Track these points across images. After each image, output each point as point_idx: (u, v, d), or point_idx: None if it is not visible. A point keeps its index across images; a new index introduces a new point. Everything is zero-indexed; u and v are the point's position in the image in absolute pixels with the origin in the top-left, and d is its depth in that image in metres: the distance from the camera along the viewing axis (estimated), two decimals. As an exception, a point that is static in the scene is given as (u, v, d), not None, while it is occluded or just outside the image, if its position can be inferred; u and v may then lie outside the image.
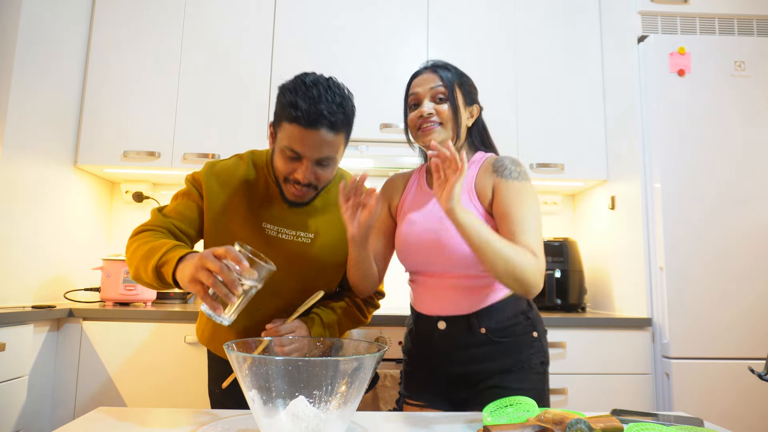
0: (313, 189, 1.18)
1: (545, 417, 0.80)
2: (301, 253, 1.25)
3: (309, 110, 1.07)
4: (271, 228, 1.24)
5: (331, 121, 1.09)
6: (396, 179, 1.36)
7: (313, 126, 1.08)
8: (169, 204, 1.26)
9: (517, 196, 1.13)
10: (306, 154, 1.11)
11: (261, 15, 2.28)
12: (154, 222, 1.20)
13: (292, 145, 1.11)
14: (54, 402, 1.79)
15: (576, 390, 1.87)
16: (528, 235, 1.08)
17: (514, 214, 1.11)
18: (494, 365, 1.16)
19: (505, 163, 1.18)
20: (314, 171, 1.14)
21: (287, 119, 1.10)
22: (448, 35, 2.32)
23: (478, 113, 1.27)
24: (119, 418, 0.89)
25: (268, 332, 1.16)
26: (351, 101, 1.16)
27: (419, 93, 1.21)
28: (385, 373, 1.77)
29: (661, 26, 2.12)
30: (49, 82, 1.99)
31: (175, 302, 2.25)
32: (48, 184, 2.00)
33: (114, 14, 2.24)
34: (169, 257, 1.02)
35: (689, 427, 0.80)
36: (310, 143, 1.10)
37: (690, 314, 1.87)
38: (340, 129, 1.12)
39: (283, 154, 1.14)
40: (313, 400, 0.74)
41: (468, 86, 1.25)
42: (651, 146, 1.99)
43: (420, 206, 1.25)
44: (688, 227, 1.91)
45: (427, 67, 1.24)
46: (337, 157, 1.16)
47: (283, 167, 1.15)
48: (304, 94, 1.08)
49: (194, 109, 2.21)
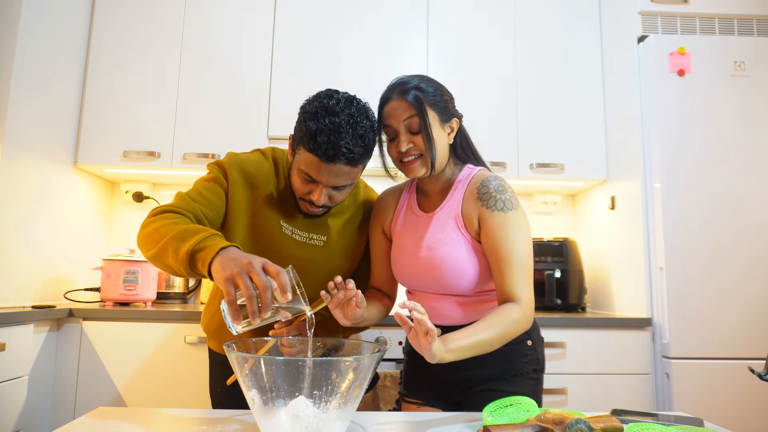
0: (327, 208, 1.19)
1: (545, 417, 0.80)
2: (312, 255, 1.25)
3: (328, 146, 1.05)
4: (287, 227, 1.24)
5: (350, 158, 1.08)
6: (386, 198, 1.33)
7: (331, 161, 1.07)
8: (193, 188, 1.20)
9: (503, 229, 1.10)
10: (322, 181, 1.11)
11: (261, 15, 2.28)
12: (179, 204, 1.13)
13: (309, 172, 1.11)
14: (54, 402, 1.79)
15: (576, 390, 1.87)
16: (515, 277, 1.08)
17: (501, 252, 1.09)
18: (487, 372, 1.17)
19: (489, 190, 1.14)
20: (329, 194, 1.14)
21: (306, 148, 1.09)
22: (448, 34, 2.32)
23: (458, 126, 1.21)
24: (119, 418, 0.89)
25: (276, 332, 1.16)
26: (373, 131, 1.14)
27: (393, 126, 1.15)
28: (385, 373, 1.77)
29: (661, 26, 2.12)
30: (49, 82, 1.99)
31: (175, 302, 2.25)
32: (48, 184, 2.00)
33: (114, 14, 2.23)
34: (208, 244, 0.95)
35: (689, 427, 0.80)
36: (327, 173, 1.09)
37: (690, 314, 1.87)
38: (358, 162, 1.11)
39: (300, 175, 1.13)
40: (313, 400, 0.74)
41: (442, 102, 1.17)
42: (651, 146, 1.99)
43: (410, 230, 1.23)
44: (688, 227, 1.91)
45: (395, 91, 1.16)
46: (354, 182, 1.16)
47: (299, 187, 1.16)
48: (325, 126, 1.06)
49: (194, 109, 2.20)
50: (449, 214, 1.18)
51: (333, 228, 1.27)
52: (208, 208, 1.17)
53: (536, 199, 2.58)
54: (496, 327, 1.01)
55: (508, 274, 1.08)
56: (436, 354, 0.90)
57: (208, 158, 2.15)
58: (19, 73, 1.82)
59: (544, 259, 2.23)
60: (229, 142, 2.17)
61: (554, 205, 2.59)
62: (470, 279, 1.14)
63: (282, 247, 1.24)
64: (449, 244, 1.15)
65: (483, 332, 1.00)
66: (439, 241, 1.16)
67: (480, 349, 1.00)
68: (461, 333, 0.98)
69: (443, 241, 1.15)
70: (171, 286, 2.27)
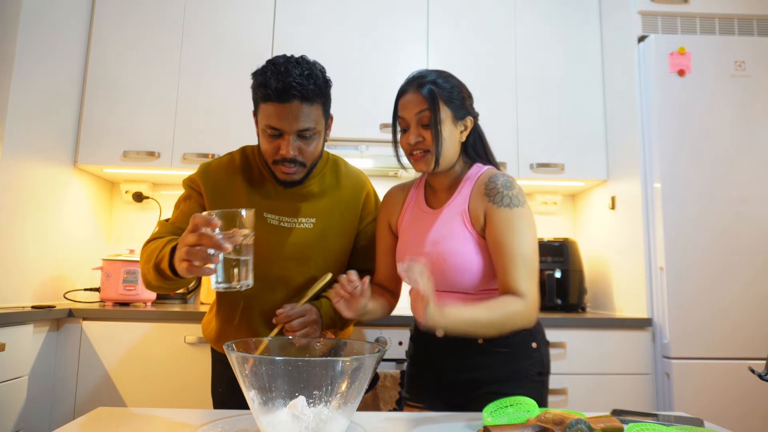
0: (301, 166, 1.20)
1: (545, 417, 0.80)
2: (305, 239, 1.27)
3: (278, 86, 1.11)
4: (273, 218, 1.26)
5: (302, 93, 1.12)
6: (395, 193, 1.33)
7: (284, 100, 1.11)
8: (173, 213, 1.29)
9: (509, 225, 1.10)
10: (285, 128, 1.14)
11: (261, 15, 2.28)
12: (161, 231, 1.23)
13: (270, 122, 1.14)
14: (54, 402, 1.79)
15: (576, 390, 1.87)
16: (518, 272, 1.08)
17: (506, 247, 1.09)
18: (491, 374, 1.16)
19: (497, 186, 1.14)
20: (297, 145, 1.17)
21: (261, 99, 1.15)
22: (448, 35, 2.32)
23: (472, 125, 1.21)
24: (119, 418, 0.89)
25: (279, 318, 1.17)
26: (321, 73, 1.17)
27: (406, 118, 1.17)
28: (385, 373, 1.77)
29: (661, 26, 2.12)
30: (49, 82, 1.99)
31: (175, 302, 2.25)
32: (48, 184, 2.00)
33: (114, 14, 2.23)
34: (163, 253, 1.05)
35: (689, 427, 0.80)
36: (286, 116, 1.13)
37: (690, 314, 1.87)
38: (313, 99, 1.14)
39: (265, 134, 1.17)
40: (313, 400, 0.74)
41: (459, 99, 1.17)
42: (651, 146, 1.99)
43: (416, 226, 1.23)
44: (688, 227, 1.91)
45: (412, 84, 1.17)
46: (318, 129, 1.18)
47: (268, 147, 1.18)
48: (272, 72, 1.13)
49: (194, 109, 2.20)
50: (456, 210, 1.18)
51: (320, 209, 1.29)
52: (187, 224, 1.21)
53: (536, 199, 2.58)
54: (495, 311, 1.03)
55: (511, 269, 1.08)
56: (430, 316, 0.91)
57: (208, 158, 2.15)
58: (19, 73, 1.82)
59: (544, 259, 2.23)
60: (229, 142, 2.17)
61: (554, 205, 2.59)
62: (474, 275, 1.13)
63: (273, 236, 1.25)
64: (455, 240, 1.15)
65: (481, 312, 1.02)
66: (444, 236, 1.16)
67: (475, 327, 1.02)
68: (459, 307, 1.02)
69: (449, 236, 1.15)
70: (171, 286, 2.27)
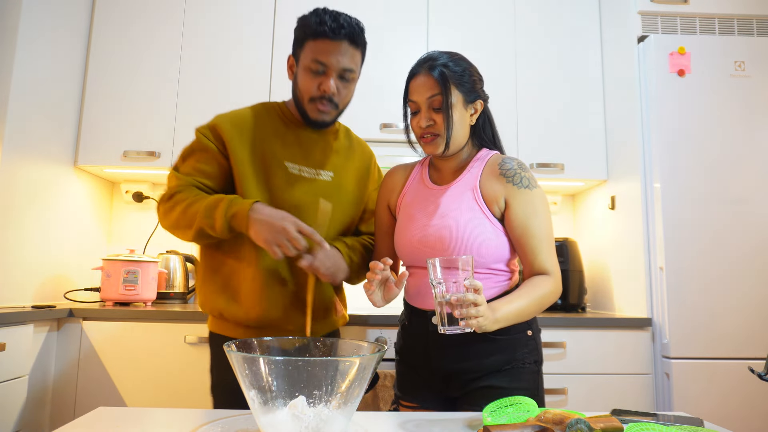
0: (334, 107, 1.28)
1: (545, 417, 0.80)
2: (323, 191, 1.30)
3: (333, 24, 1.21)
4: (293, 167, 1.29)
5: (352, 34, 1.23)
6: (396, 173, 1.34)
7: (337, 37, 1.21)
8: (182, 163, 1.28)
9: (532, 206, 1.16)
10: (332, 63, 1.22)
11: (261, 15, 2.28)
12: (181, 184, 1.24)
13: (319, 57, 1.22)
14: (54, 402, 1.79)
15: (576, 390, 1.87)
16: (545, 252, 1.15)
17: (532, 229, 1.15)
18: (488, 363, 1.15)
19: (513, 167, 1.18)
20: (337, 85, 1.25)
21: (312, 36, 1.23)
22: (448, 36, 2.32)
23: (482, 108, 1.23)
24: (119, 418, 0.89)
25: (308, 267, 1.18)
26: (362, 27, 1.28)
27: (417, 102, 1.18)
28: (385, 373, 1.77)
29: (661, 26, 2.12)
30: (50, 82, 1.99)
31: (175, 302, 2.25)
32: (48, 184, 2.00)
33: (114, 14, 2.23)
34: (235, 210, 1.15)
35: (689, 427, 0.80)
36: (335, 53, 1.22)
37: (690, 314, 1.87)
38: (358, 44, 1.25)
39: (308, 70, 1.24)
40: (313, 400, 0.74)
41: (469, 83, 1.18)
42: (651, 146, 1.99)
43: (421, 201, 1.24)
44: (688, 227, 1.91)
45: (423, 66, 1.18)
46: (355, 74, 1.28)
47: (309, 84, 1.25)
48: (326, 14, 1.23)
49: (194, 109, 2.20)
50: (466, 186, 1.20)
51: (338, 165, 1.36)
52: (205, 178, 1.25)
53: (536, 199, 2.58)
54: (533, 295, 1.10)
55: (540, 250, 1.14)
56: (485, 326, 0.97)
57: (208, 158, 2.15)
58: (19, 73, 1.82)
59: (544, 259, 2.23)
60: (229, 142, 2.17)
61: (554, 205, 2.59)
62: (481, 251, 1.14)
63: (293, 186, 1.28)
64: (465, 213, 1.16)
65: (523, 299, 1.09)
66: (454, 210, 1.17)
67: (520, 318, 1.09)
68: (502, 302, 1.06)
69: (459, 210, 1.17)
70: (171, 286, 2.27)
